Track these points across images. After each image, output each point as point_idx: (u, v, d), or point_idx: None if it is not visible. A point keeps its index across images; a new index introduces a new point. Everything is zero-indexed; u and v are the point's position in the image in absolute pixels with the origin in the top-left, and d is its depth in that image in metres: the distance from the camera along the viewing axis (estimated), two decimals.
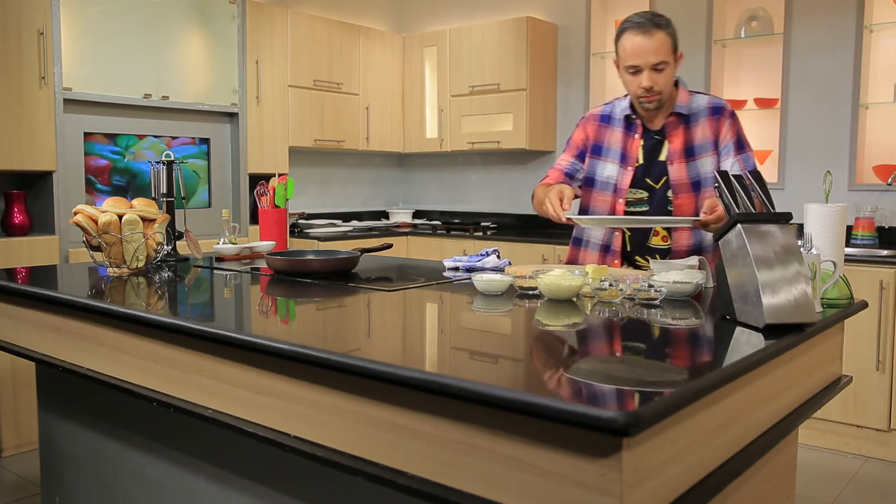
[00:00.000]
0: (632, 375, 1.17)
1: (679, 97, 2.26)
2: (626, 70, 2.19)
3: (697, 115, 2.25)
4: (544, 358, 1.33)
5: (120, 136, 3.77)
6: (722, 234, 1.54)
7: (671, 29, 2.17)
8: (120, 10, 3.71)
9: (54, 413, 2.40)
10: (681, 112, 2.25)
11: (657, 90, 2.17)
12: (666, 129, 2.27)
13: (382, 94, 5.18)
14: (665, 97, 2.21)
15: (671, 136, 2.25)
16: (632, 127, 2.31)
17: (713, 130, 2.24)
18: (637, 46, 2.13)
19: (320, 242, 4.48)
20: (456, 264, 2.39)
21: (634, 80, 2.18)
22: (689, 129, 2.24)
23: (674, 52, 2.18)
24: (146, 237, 2.31)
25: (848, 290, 1.80)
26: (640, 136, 2.30)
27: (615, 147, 2.33)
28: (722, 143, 2.24)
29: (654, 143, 2.28)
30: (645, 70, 2.15)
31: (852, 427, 3.44)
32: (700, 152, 2.24)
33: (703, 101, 2.27)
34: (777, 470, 1.72)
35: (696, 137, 2.24)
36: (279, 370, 1.36)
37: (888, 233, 3.82)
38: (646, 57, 2.13)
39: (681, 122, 2.26)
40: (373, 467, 1.21)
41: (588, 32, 4.73)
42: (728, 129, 2.24)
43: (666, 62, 2.15)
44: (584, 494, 0.98)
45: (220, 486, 1.82)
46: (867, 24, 3.85)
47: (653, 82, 2.15)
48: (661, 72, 2.15)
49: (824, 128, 3.99)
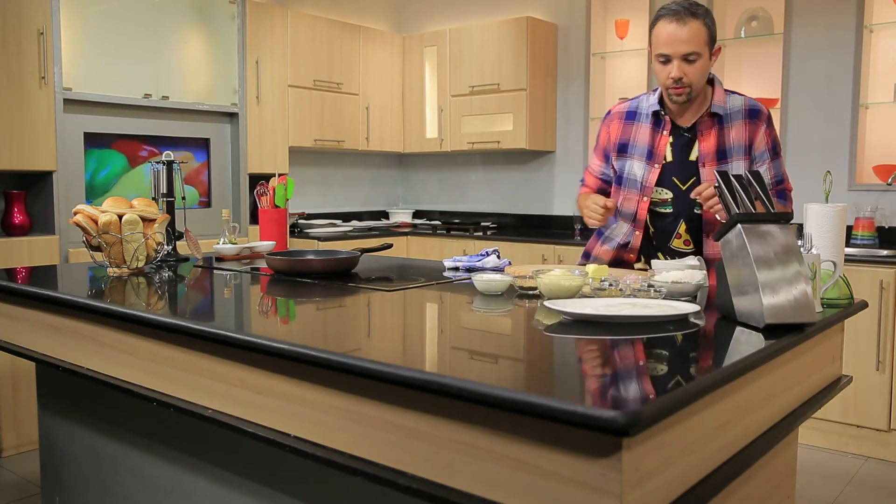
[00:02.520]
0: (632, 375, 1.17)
1: (716, 96, 2.16)
2: (657, 58, 2.10)
3: (732, 117, 2.16)
4: (544, 358, 1.33)
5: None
6: (722, 234, 1.54)
7: (709, 20, 2.07)
8: (120, 10, 3.71)
9: (54, 413, 2.40)
10: (717, 112, 2.15)
11: (686, 82, 2.08)
12: (698, 128, 2.17)
13: (382, 94, 5.18)
14: (696, 91, 2.11)
15: (703, 136, 2.16)
16: (660, 123, 2.21)
17: (748, 134, 2.15)
18: (670, 35, 2.04)
19: (320, 242, 4.48)
20: (456, 264, 2.39)
21: (664, 69, 2.09)
22: (722, 131, 2.15)
23: (709, 45, 2.08)
24: (146, 237, 2.31)
25: (848, 290, 1.80)
26: (669, 132, 2.20)
27: (641, 144, 2.23)
28: (757, 150, 2.16)
29: (685, 141, 2.18)
30: (675, 60, 2.06)
31: (852, 427, 3.44)
32: (732, 155, 2.15)
33: (738, 101, 2.18)
34: (777, 470, 1.72)
35: (730, 140, 2.15)
36: (279, 370, 1.36)
37: (888, 233, 3.82)
38: (677, 46, 2.04)
39: (715, 122, 2.16)
40: (372, 467, 1.21)
41: (588, 32, 4.73)
42: (764, 136, 2.16)
43: (698, 53, 2.05)
44: (584, 494, 0.98)
45: (220, 486, 1.82)
46: (867, 24, 3.85)
47: (682, 73, 2.06)
48: (692, 63, 2.06)
49: (824, 128, 3.99)
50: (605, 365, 1.25)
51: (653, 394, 1.05)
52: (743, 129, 2.15)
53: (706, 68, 2.09)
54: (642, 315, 1.48)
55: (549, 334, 1.45)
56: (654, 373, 1.22)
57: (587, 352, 1.34)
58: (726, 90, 2.19)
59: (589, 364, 1.26)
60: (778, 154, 2.19)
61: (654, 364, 1.27)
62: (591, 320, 1.48)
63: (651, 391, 1.09)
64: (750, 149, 2.15)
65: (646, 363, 1.27)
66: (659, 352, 1.35)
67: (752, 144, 2.15)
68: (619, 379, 1.16)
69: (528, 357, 1.35)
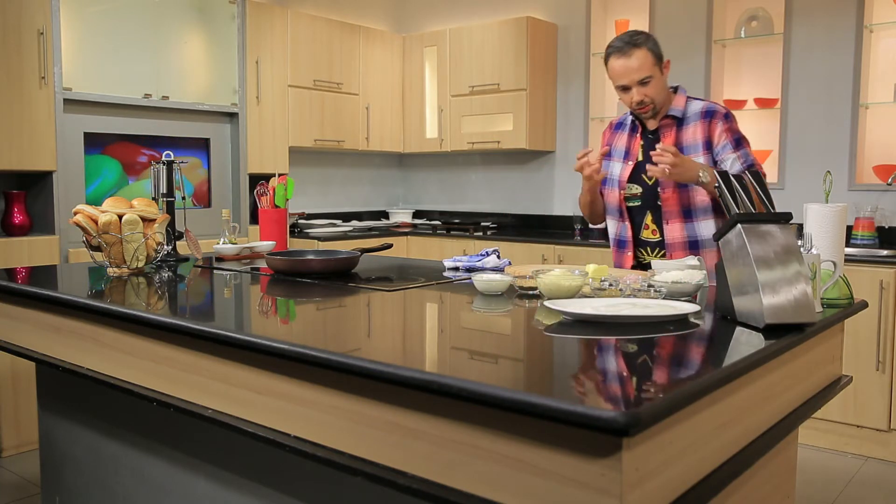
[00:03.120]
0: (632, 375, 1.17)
1: (675, 102, 2.41)
2: (618, 89, 2.38)
3: (691, 119, 2.39)
4: (544, 358, 1.33)
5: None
6: (722, 234, 1.54)
7: (651, 44, 2.32)
8: (120, 10, 3.71)
9: (54, 413, 2.40)
10: (674, 115, 2.39)
11: (648, 101, 2.34)
12: (660, 131, 2.42)
13: (382, 94, 5.19)
14: (659, 104, 2.37)
15: (664, 136, 2.41)
16: (634, 129, 2.49)
17: (704, 132, 2.36)
18: (622, 67, 2.31)
19: (320, 242, 4.48)
20: (456, 264, 2.39)
21: (627, 96, 2.37)
22: (680, 131, 2.39)
23: (658, 65, 2.33)
24: (146, 237, 2.31)
25: (848, 290, 1.80)
26: (640, 135, 2.47)
27: (621, 147, 2.51)
28: (718, 144, 2.35)
29: (651, 142, 2.43)
30: (633, 87, 2.33)
31: (852, 427, 3.44)
32: (689, 152, 2.36)
33: (698, 105, 2.41)
34: (777, 470, 1.72)
35: (687, 139, 2.38)
36: (279, 370, 1.36)
37: (888, 233, 3.82)
38: (630, 76, 2.31)
39: (674, 123, 2.40)
40: (373, 467, 1.21)
41: (588, 32, 4.73)
42: (723, 130, 2.35)
43: (650, 76, 2.31)
44: (584, 494, 0.98)
45: (220, 486, 1.82)
46: (867, 24, 3.85)
47: (642, 96, 2.33)
48: (647, 84, 2.32)
49: (824, 128, 3.99)
50: (605, 365, 1.25)
51: (653, 394, 1.05)
52: (700, 129, 2.37)
53: (662, 84, 2.35)
54: (642, 315, 1.48)
55: (549, 334, 1.45)
56: (653, 373, 1.22)
57: (587, 352, 1.34)
58: (690, 97, 2.44)
59: (589, 364, 1.26)
60: (741, 145, 2.36)
61: (654, 364, 1.27)
62: (591, 320, 1.48)
63: (651, 391, 1.09)
64: (709, 145, 2.36)
65: (646, 363, 1.27)
66: (659, 352, 1.35)
67: (710, 141, 2.36)
68: (619, 379, 1.16)
69: (528, 357, 1.35)
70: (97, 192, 3.70)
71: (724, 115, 2.37)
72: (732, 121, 2.38)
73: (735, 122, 2.39)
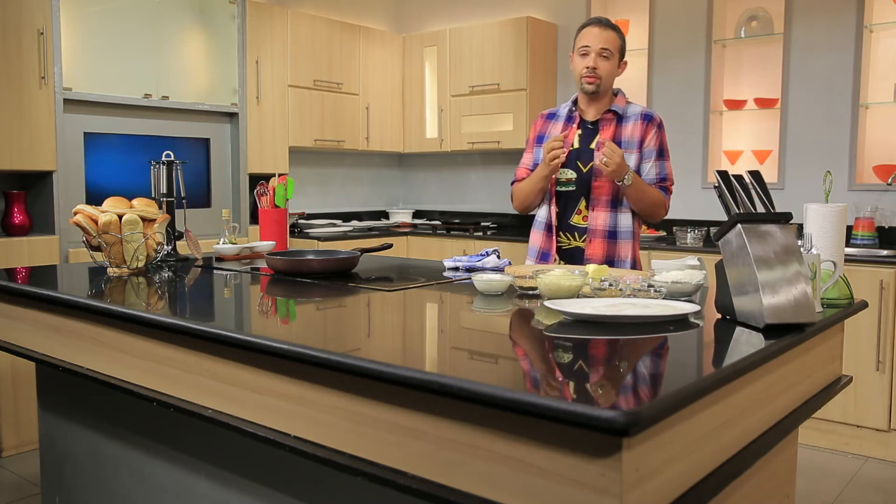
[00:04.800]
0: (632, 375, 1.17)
1: (617, 100, 2.59)
2: (579, 51, 2.53)
3: (630, 118, 2.56)
4: (544, 358, 1.33)
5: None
6: (722, 234, 1.54)
7: (622, 37, 2.56)
8: (120, 10, 3.71)
9: (54, 413, 2.40)
10: (616, 111, 2.57)
11: (599, 74, 2.50)
12: (600, 123, 2.57)
13: (382, 94, 5.18)
14: (604, 85, 2.53)
15: (604, 129, 2.56)
16: (571, 119, 2.63)
17: (640, 133, 2.54)
18: (592, 33, 2.52)
19: (320, 242, 4.48)
20: (456, 264, 2.39)
21: (582, 61, 2.52)
22: (619, 127, 2.56)
23: (620, 53, 2.55)
24: (146, 237, 2.31)
25: (848, 290, 1.80)
26: (578, 125, 2.60)
27: (555, 135, 2.60)
28: (646, 147, 2.53)
29: (589, 132, 2.58)
30: (593, 52, 2.50)
31: (852, 427, 3.44)
32: (625, 147, 2.52)
33: (637, 108, 2.59)
34: (777, 470, 1.72)
35: (625, 134, 2.54)
36: (279, 370, 1.36)
37: (888, 233, 3.82)
38: (596, 41, 2.50)
39: (614, 119, 2.57)
40: (373, 467, 1.21)
41: None
42: (654, 137, 2.54)
43: (611, 52, 2.51)
44: (584, 494, 0.98)
45: (220, 486, 1.82)
46: (867, 24, 3.85)
47: (596, 65, 2.50)
48: (605, 59, 2.50)
49: (824, 128, 3.99)
50: (604, 365, 1.25)
51: (652, 394, 1.05)
52: (637, 128, 2.54)
53: (614, 71, 2.54)
54: (642, 315, 1.48)
55: (549, 334, 1.45)
56: (653, 373, 1.22)
57: (587, 352, 1.34)
58: (628, 101, 2.62)
59: (589, 364, 1.26)
60: (664, 156, 2.56)
61: (654, 364, 1.27)
62: (591, 320, 1.48)
63: (651, 391, 1.09)
64: (641, 145, 2.53)
65: (646, 363, 1.27)
66: (659, 352, 1.35)
67: (643, 141, 2.54)
68: (619, 379, 1.16)
69: (528, 357, 1.35)
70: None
71: (659, 124, 2.56)
72: (663, 131, 2.58)
73: (664, 134, 2.58)
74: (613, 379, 1.16)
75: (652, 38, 4.51)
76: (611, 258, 2.53)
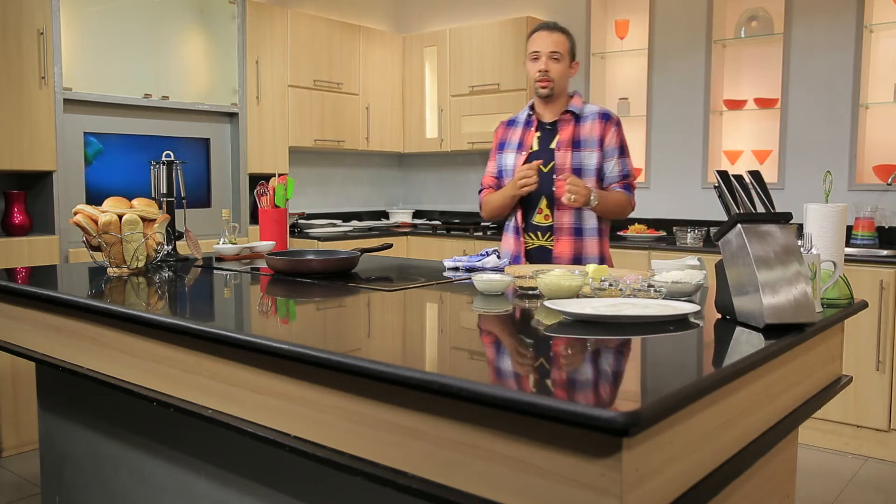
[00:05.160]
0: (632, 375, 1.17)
1: (573, 101, 2.66)
2: (530, 56, 2.62)
3: (587, 117, 2.63)
4: (544, 358, 1.33)
5: None
6: (722, 234, 1.54)
7: (572, 39, 2.65)
8: (120, 10, 3.71)
9: (54, 413, 2.40)
10: (573, 111, 2.63)
11: (551, 76, 2.58)
12: (558, 124, 2.64)
13: (382, 94, 5.18)
14: (557, 88, 2.61)
15: (562, 129, 2.62)
16: (529, 123, 2.71)
17: (599, 132, 2.60)
18: (542, 38, 2.60)
19: (320, 242, 4.48)
20: (456, 264, 2.39)
21: (535, 65, 2.60)
22: (578, 126, 2.62)
23: (570, 55, 2.63)
24: (146, 237, 2.31)
25: (848, 290, 1.80)
26: (536, 128, 2.68)
27: (514, 140, 2.71)
28: (608, 146, 2.60)
29: (548, 133, 2.65)
30: (543, 56, 2.58)
31: (852, 427, 3.44)
32: (585, 146, 2.59)
33: (594, 108, 2.66)
34: (777, 470, 1.72)
35: (584, 133, 2.60)
36: (279, 370, 1.36)
37: (888, 233, 3.82)
38: (546, 45, 2.58)
39: (572, 119, 2.63)
40: (373, 467, 1.21)
41: (588, 32, 4.73)
42: (613, 135, 2.61)
43: (561, 54, 2.59)
44: (584, 494, 0.98)
45: (220, 486, 1.82)
46: (867, 24, 3.85)
47: (548, 67, 2.58)
48: (556, 61, 2.58)
49: (824, 128, 3.99)
50: (605, 365, 1.25)
51: (653, 394, 1.05)
52: (596, 127, 2.61)
53: (566, 72, 2.62)
54: (642, 315, 1.48)
55: (549, 334, 1.45)
56: (653, 373, 1.22)
57: (587, 352, 1.34)
58: (584, 101, 2.70)
59: (589, 364, 1.26)
60: (625, 153, 2.63)
61: (654, 364, 1.27)
62: (591, 320, 1.48)
63: (651, 391, 1.09)
64: (601, 143, 2.60)
65: (645, 363, 1.27)
66: (659, 352, 1.35)
67: (603, 140, 2.60)
68: (619, 379, 1.16)
69: (528, 357, 1.35)
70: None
71: (617, 122, 2.63)
72: (622, 129, 2.64)
73: (623, 131, 2.64)
74: (613, 379, 1.16)
75: (652, 38, 4.51)
76: (579, 255, 2.59)
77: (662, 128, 4.52)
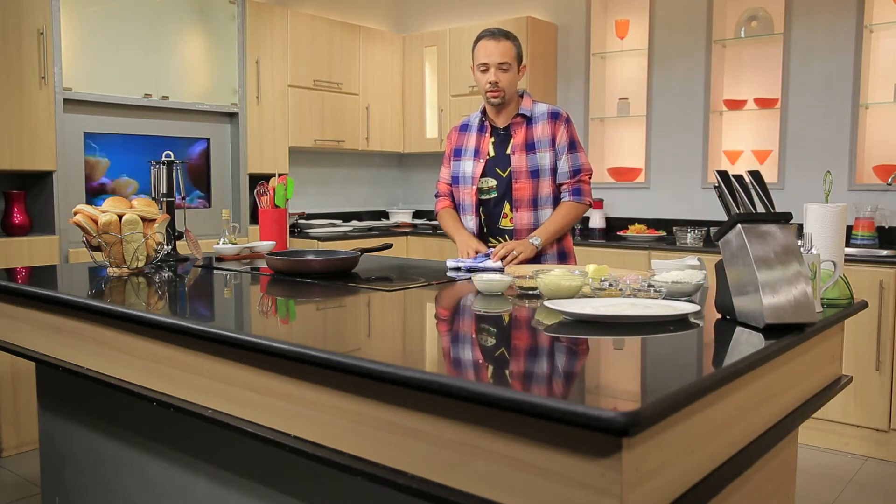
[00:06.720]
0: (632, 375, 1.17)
1: (523, 103, 2.66)
2: (478, 68, 2.60)
3: (538, 118, 2.64)
4: (544, 358, 1.33)
5: None
6: (722, 234, 1.54)
7: (517, 43, 2.62)
8: (120, 10, 3.71)
9: (54, 413, 2.40)
10: (524, 114, 2.64)
11: (501, 87, 2.57)
12: (511, 128, 2.65)
13: (382, 94, 5.18)
14: (508, 96, 2.60)
15: (515, 133, 2.64)
16: (483, 129, 2.71)
17: (550, 131, 2.62)
18: (488, 49, 2.57)
19: (320, 242, 4.47)
20: (458, 265, 2.40)
21: (484, 77, 2.58)
22: (530, 128, 2.63)
23: (517, 61, 2.61)
24: (146, 237, 2.31)
25: (848, 290, 1.80)
26: (490, 134, 2.69)
27: (470, 146, 2.72)
28: (559, 144, 2.62)
29: (502, 138, 2.67)
30: (492, 68, 2.56)
31: (852, 427, 3.44)
32: (539, 147, 2.61)
33: (543, 107, 2.67)
34: (777, 470, 1.72)
35: (536, 135, 2.62)
36: (279, 370, 1.36)
37: (888, 233, 3.82)
38: (493, 57, 2.56)
39: (524, 122, 2.64)
40: (373, 467, 1.21)
41: (588, 32, 4.73)
42: (563, 133, 2.63)
43: (509, 64, 2.57)
44: (584, 494, 0.98)
45: (220, 486, 1.82)
46: (867, 24, 3.85)
47: (497, 79, 2.56)
48: (505, 72, 2.57)
49: (824, 128, 3.99)
50: (605, 365, 1.25)
51: (653, 394, 1.05)
52: (547, 127, 2.63)
53: (515, 79, 2.61)
54: (642, 315, 1.48)
55: (549, 334, 1.45)
56: (653, 373, 1.22)
57: (587, 352, 1.34)
58: (534, 100, 2.70)
59: (589, 364, 1.26)
60: (575, 148, 2.64)
61: (654, 364, 1.27)
62: (591, 320, 1.48)
63: (651, 391, 1.09)
64: (553, 142, 2.62)
65: (645, 363, 1.27)
66: (659, 352, 1.35)
67: (555, 138, 2.62)
68: (619, 379, 1.16)
69: (528, 357, 1.35)
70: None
71: (566, 119, 2.64)
72: (572, 125, 2.66)
73: (573, 127, 2.66)
74: (613, 379, 1.16)
75: (652, 38, 4.51)
76: (541, 252, 2.62)
77: (662, 128, 4.52)
